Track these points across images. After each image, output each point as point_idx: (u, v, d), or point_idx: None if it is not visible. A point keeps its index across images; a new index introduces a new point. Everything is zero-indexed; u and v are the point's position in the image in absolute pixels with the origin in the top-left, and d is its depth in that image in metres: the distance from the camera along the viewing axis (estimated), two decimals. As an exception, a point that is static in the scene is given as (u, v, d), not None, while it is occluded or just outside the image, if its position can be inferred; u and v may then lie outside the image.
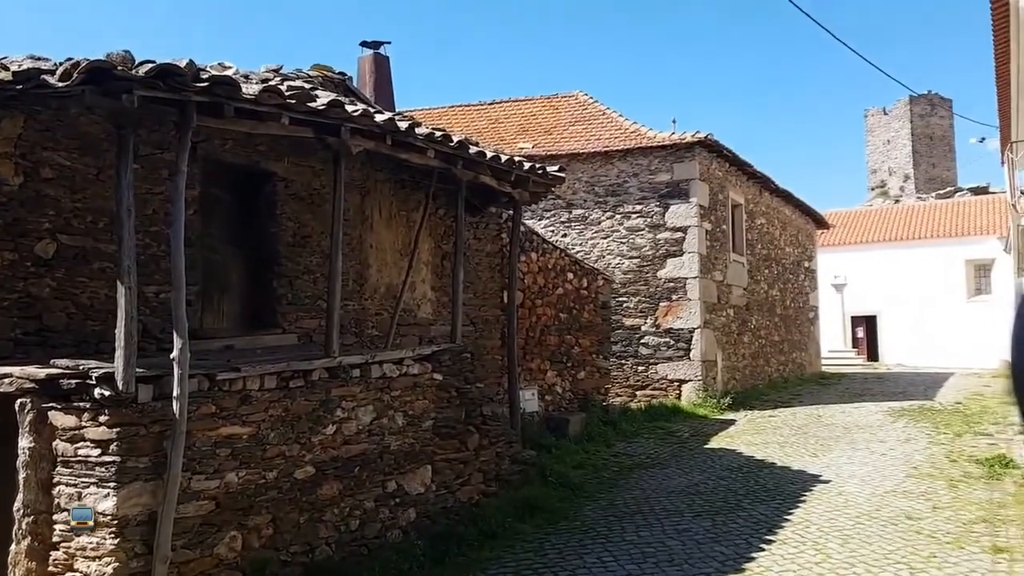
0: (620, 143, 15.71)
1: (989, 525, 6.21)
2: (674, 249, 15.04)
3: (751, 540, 5.99)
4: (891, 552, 5.62)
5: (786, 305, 20.62)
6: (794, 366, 20.95)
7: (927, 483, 7.73)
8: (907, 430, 11.17)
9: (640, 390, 14.86)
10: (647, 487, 7.95)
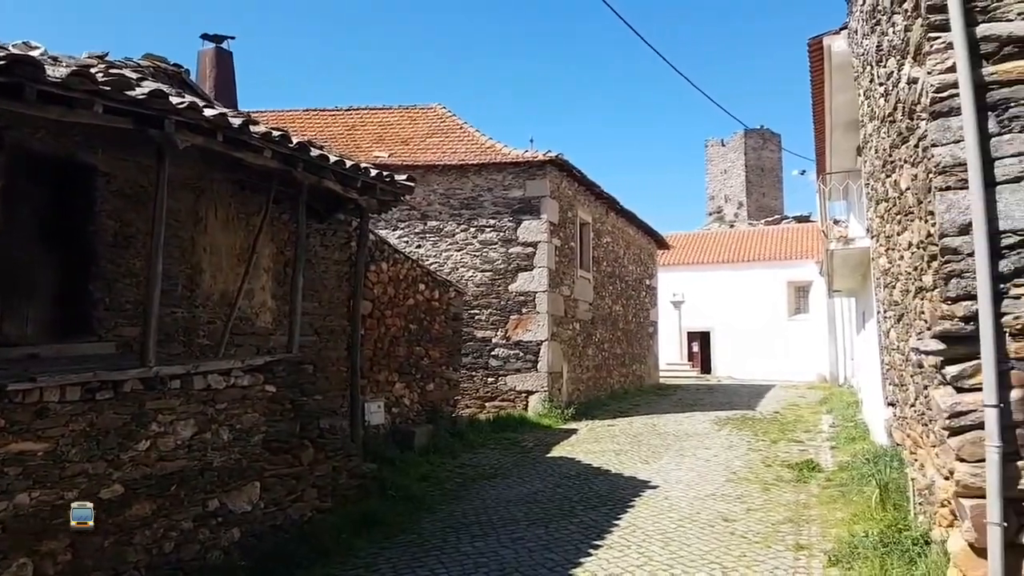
0: (476, 158, 15.89)
1: (794, 525, 6.76)
2: (525, 263, 15.37)
3: (580, 546, 6.18)
4: (707, 552, 5.98)
5: (628, 320, 21.58)
6: (634, 378, 21.95)
7: (744, 487, 8.31)
8: (730, 438, 11.98)
9: (489, 401, 15.01)
10: (488, 497, 8.02)
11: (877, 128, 7.87)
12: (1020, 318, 4.35)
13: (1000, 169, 4.48)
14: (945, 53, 4.66)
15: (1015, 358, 4.35)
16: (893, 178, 6.91)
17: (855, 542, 5.72)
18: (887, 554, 5.29)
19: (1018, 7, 4.49)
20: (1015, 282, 4.39)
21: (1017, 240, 4.41)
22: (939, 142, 4.69)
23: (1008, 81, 4.49)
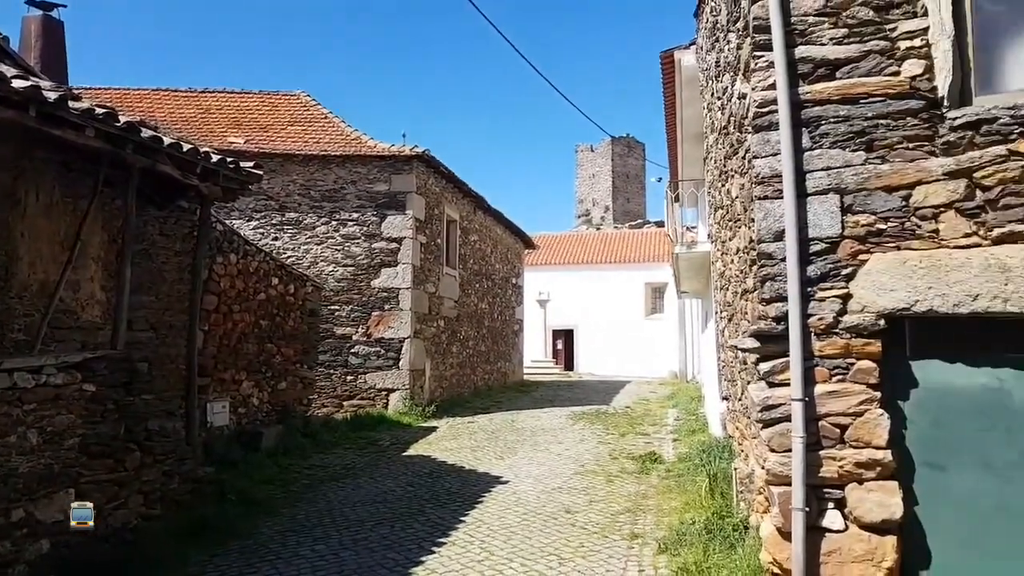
0: (340, 149, 15.51)
1: (632, 515, 7.05)
2: (389, 259, 15.16)
3: (424, 544, 6.16)
4: (547, 544, 6.13)
5: (494, 318, 21.80)
6: (499, 375, 22.21)
7: (590, 479, 8.59)
8: (583, 432, 12.36)
9: (347, 400, 14.70)
10: (335, 499, 7.83)
11: (716, 140, 8.36)
12: (824, 319, 4.73)
13: (811, 181, 4.85)
14: (768, 71, 5.00)
15: (819, 356, 4.73)
16: (727, 187, 7.35)
17: (684, 529, 6.04)
18: (711, 540, 5.62)
19: (830, 32, 4.87)
20: (821, 286, 4.77)
21: (823, 247, 4.79)
22: (760, 154, 5.02)
23: (820, 100, 4.87)
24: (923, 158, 4.61)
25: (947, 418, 4.62)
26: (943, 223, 4.55)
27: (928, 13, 4.62)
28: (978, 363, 4.59)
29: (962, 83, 4.62)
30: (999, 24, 4.67)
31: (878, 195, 4.71)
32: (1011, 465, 4.48)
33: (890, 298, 4.63)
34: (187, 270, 9.54)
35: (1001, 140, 4.42)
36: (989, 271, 4.41)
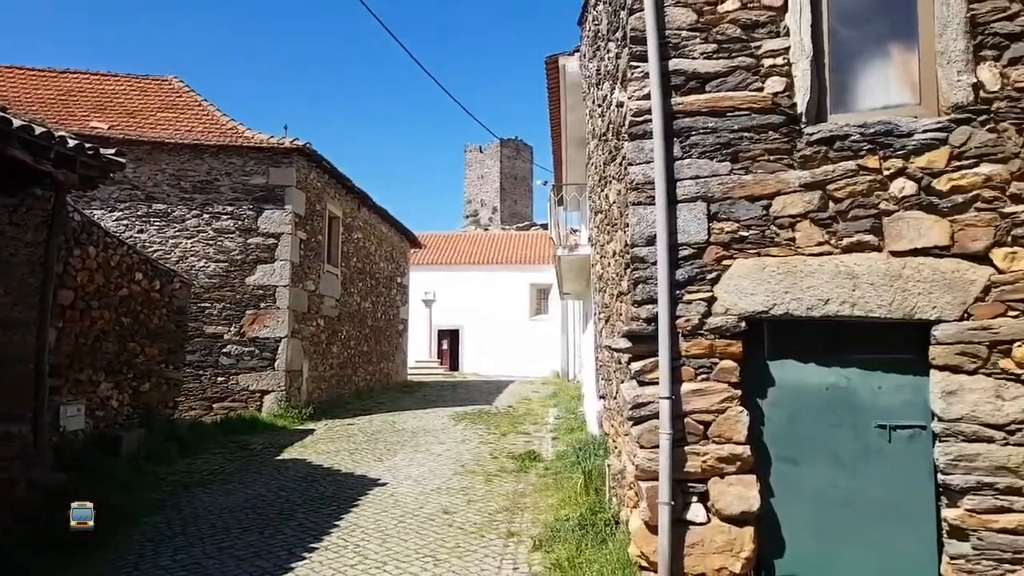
0: (214, 138, 14.81)
1: (509, 513, 7.12)
2: (266, 255, 14.61)
3: (294, 550, 5.97)
4: (423, 546, 6.08)
5: (377, 317, 21.47)
6: (381, 376, 21.89)
7: (469, 479, 8.61)
8: (465, 432, 12.38)
9: (218, 402, 14.05)
10: (200, 505, 7.46)
11: (597, 146, 8.58)
12: (691, 321, 4.94)
13: (681, 189, 5.06)
14: (643, 82, 5.17)
15: (686, 355, 4.94)
16: (606, 192, 7.56)
17: (559, 526, 6.15)
18: (584, 536, 5.76)
19: (701, 47, 5.09)
20: (688, 289, 4.98)
21: (691, 252, 5.01)
22: (634, 161, 5.19)
23: (691, 112, 5.09)
24: (782, 170, 4.91)
25: (800, 415, 4.94)
26: (799, 232, 4.85)
27: (790, 34, 4.92)
28: (829, 363, 4.93)
29: (819, 101, 4.95)
30: (852, 48, 5.04)
31: (742, 204, 4.97)
32: (856, 458, 4.84)
33: (751, 301, 4.89)
34: (39, 263, 8.82)
35: (852, 155, 4.77)
36: (839, 277, 4.74)
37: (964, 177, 4.53)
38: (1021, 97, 4.47)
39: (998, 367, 4.43)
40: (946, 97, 4.62)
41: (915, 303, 4.59)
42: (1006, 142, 4.48)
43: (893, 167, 4.68)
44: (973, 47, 4.56)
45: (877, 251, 4.70)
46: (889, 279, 4.64)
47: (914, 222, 4.62)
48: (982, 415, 4.43)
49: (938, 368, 4.55)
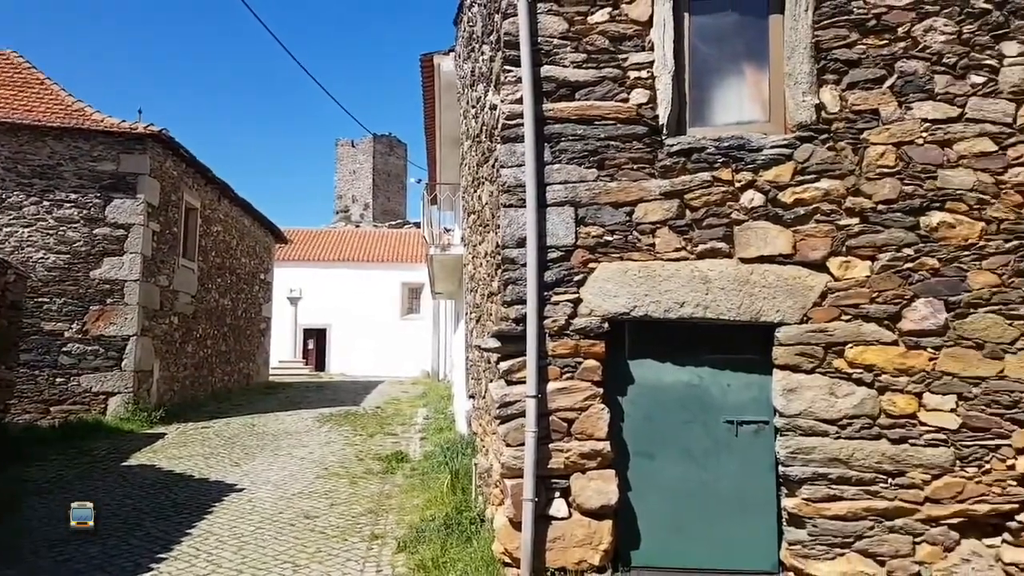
0: (58, 119, 13.61)
1: (374, 516, 7.00)
2: (114, 247, 13.59)
3: (141, 561, 5.59)
4: (282, 552, 5.87)
5: (238, 315, 20.53)
6: (241, 376, 20.96)
7: (333, 482, 8.39)
8: (329, 434, 12.07)
9: (56, 405, 12.92)
10: (34, 517, 6.82)
11: (471, 146, 8.63)
12: (557, 321, 5.06)
13: (551, 193, 5.18)
14: (516, 86, 5.25)
15: (552, 355, 5.06)
16: (479, 193, 7.62)
17: (424, 527, 6.11)
18: (449, 535, 5.75)
19: (572, 56, 5.23)
20: (556, 291, 5.10)
21: (559, 255, 5.13)
22: (506, 164, 5.26)
23: (561, 118, 5.21)
24: (645, 179, 5.13)
25: (657, 412, 5.18)
26: (659, 238, 5.09)
27: (654, 49, 5.15)
28: (684, 363, 5.21)
29: (679, 114, 5.22)
30: (710, 65, 5.34)
31: (607, 209, 5.15)
32: (707, 453, 5.13)
33: (614, 303, 5.08)
34: None
35: (708, 167, 5.06)
36: (694, 282, 5.01)
37: (806, 191, 4.91)
38: (857, 119, 4.90)
39: (832, 366, 4.84)
40: (792, 116, 4.99)
41: (761, 307, 4.93)
42: (843, 160, 4.90)
43: (744, 179, 5.00)
44: (817, 70, 4.96)
45: (728, 258, 5.00)
46: (738, 284, 4.95)
47: (761, 231, 4.96)
48: (818, 411, 4.82)
49: (780, 367, 4.91)
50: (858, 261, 4.85)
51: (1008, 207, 4.70)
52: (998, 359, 4.68)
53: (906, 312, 4.79)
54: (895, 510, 4.70)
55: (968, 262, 4.73)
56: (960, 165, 4.76)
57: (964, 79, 4.79)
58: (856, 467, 4.74)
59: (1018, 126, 4.71)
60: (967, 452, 4.67)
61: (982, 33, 4.77)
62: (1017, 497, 4.60)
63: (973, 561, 4.61)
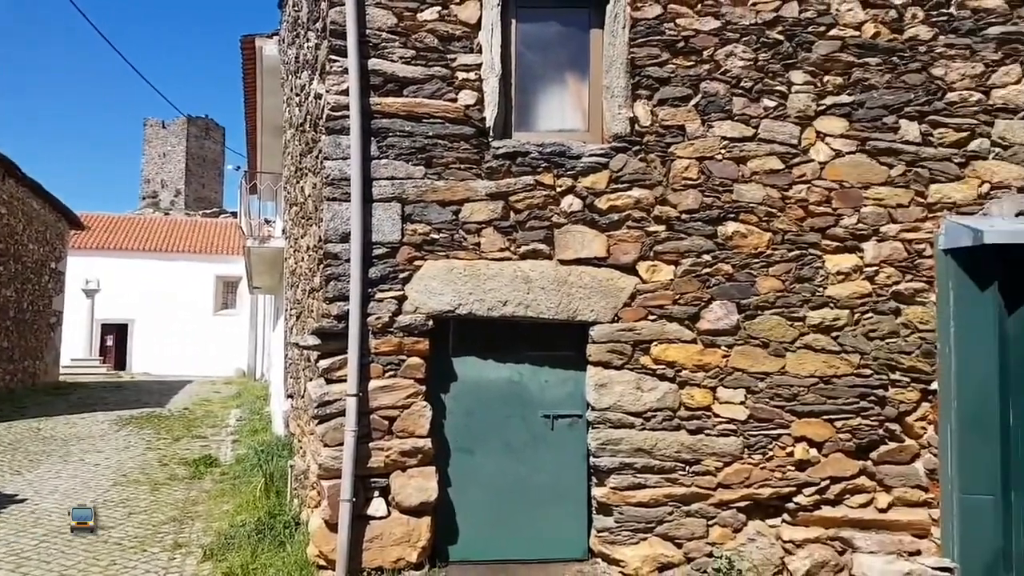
0: None
1: (178, 524, 6.55)
2: None
3: None
4: (69, 568, 5.33)
5: (22, 308, 18.39)
6: (26, 375, 18.80)
7: (132, 489, 7.75)
8: (129, 438, 11.13)
9: None
10: None
11: (294, 135, 8.30)
12: (381, 319, 5.01)
13: (377, 189, 5.11)
14: (342, 77, 5.12)
15: (375, 353, 4.99)
16: (301, 184, 7.35)
17: (233, 533, 5.81)
18: (261, 540, 5.51)
19: (401, 51, 5.19)
20: (380, 288, 5.04)
21: (385, 251, 5.08)
22: (331, 156, 5.12)
23: (389, 113, 5.16)
24: (472, 179, 5.20)
25: (479, 408, 5.27)
26: (484, 237, 5.18)
27: (482, 51, 5.23)
28: (505, 359, 5.34)
29: (505, 118, 5.33)
30: (536, 72, 5.51)
31: (434, 207, 5.16)
32: (524, 446, 5.30)
33: (438, 301, 5.10)
34: None
35: (531, 171, 5.21)
36: (516, 282, 5.15)
37: (619, 198, 5.20)
38: (666, 133, 5.26)
39: (639, 363, 5.16)
40: (609, 127, 5.27)
41: (578, 306, 5.16)
42: (653, 171, 5.24)
43: (564, 185, 5.21)
44: (632, 85, 5.27)
45: (549, 259, 5.19)
46: (558, 284, 5.15)
47: (579, 235, 5.20)
48: (626, 404, 5.13)
49: (593, 364, 5.17)
50: (664, 265, 5.21)
51: (792, 220, 5.25)
52: (781, 356, 5.21)
53: (704, 313, 5.21)
54: (692, 496, 5.10)
55: (757, 268, 5.23)
56: (752, 180, 5.25)
57: (758, 102, 5.28)
58: (659, 456, 5.10)
59: (802, 147, 5.27)
60: (753, 441, 5.15)
61: (775, 62, 5.29)
62: (795, 481, 5.14)
63: (757, 540, 5.10)
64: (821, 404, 5.15)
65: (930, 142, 5.25)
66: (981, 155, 5.25)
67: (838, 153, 5.25)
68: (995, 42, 5.29)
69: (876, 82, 5.26)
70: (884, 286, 5.19)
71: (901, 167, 5.23)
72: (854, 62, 5.26)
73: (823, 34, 5.28)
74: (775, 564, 5.04)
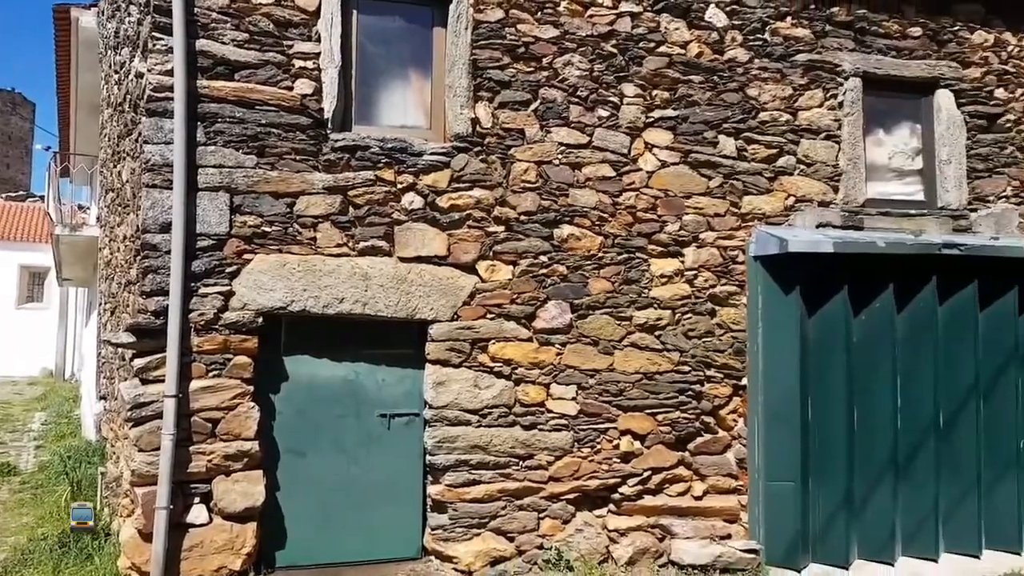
0: None
1: (-35, 541, 5.85)
2: None
3: None
4: None
5: None
6: None
7: (-93, 506, 6.83)
8: (-95, 448, 9.80)
9: None
10: None
11: (112, 116, 7.66)
12: (205, 315, 4.73)
13: (203, 177, 4.82)
14: (167, 56, 4.79)
15: (198, 351, 4.71)
16: (119, 169, 6.80)
17: (33, 547, 5.27)
18: (65, 554, 5.04)
19: (233, 33, 4.93)
20: (205, 282, 4.76)
21: (211, 244, 4.80)
22: (152, 140, 4.78)
23: (218, 98, 4.88)
24: (308, 171, 5.03)
25: (311, 408, 5.11)
26: (320, 232, 5.03)
27: (321, 40, 5.08)
28: (341, 358, 5.21)
29: (345, 110, 5.20)
30: (378, 65, 5.42)
31: (266, 199, 4.95)
32: (359, 447, 5.20)
33: (270, 297, 4.90)
34: None
35: (372, 166, 5.12)
36: (354, 278, 5.04)
37: (460, 198, 5.24)
38: (507, 136, 5.35)
39: (477, 361, 5.22)
40: (451, 126, 5.28)
41: (417, 304, 5.13)
42: (494, 172, 5.31)
43: (405, 182, 5.17)
44: (474, 86, 5.31)
45: (389, 256, 5.13)
46: (397, 282, 5.10)
47: (420, 233, 5.17)
48: (463, 402, 5.17)
49: (432, 362, 5.17)
50: (502, 265, 5.30)
51: (621, 225, 5.51)
52: (609, 354, 5.45)
53: (540, 312, 5.35)
54: (524, 490, 5.22)
55: (589, 270, 5.44)
56: (587, 186, 5.47)
57: (593, 111, 5.50)
58: (494, 452, 5.18)
59: (631, 157, 5.54)
60: (583, 435, 5.36)
61: (608, 73, 5.53)
62: (620, 472, 5.40)
63: (585, 531, 5.31)
64: (645, 399, 5.45)
65: (744, 157, 5.70)
66: (788, 171, 5.78)
67: (664, 164, 5.58)
68: (802, 68, 5.84)
69: (699, 99, 5.64)
70: (702, 289, 5.58)
71: (719, 179, 5.65)
72: (680, 78, 5.61)
73: (653, 50, 5.59)
74: (601, 553, 5.28)
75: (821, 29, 5.89)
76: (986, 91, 6.20)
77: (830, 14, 5.91)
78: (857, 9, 5.96)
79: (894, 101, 6.12)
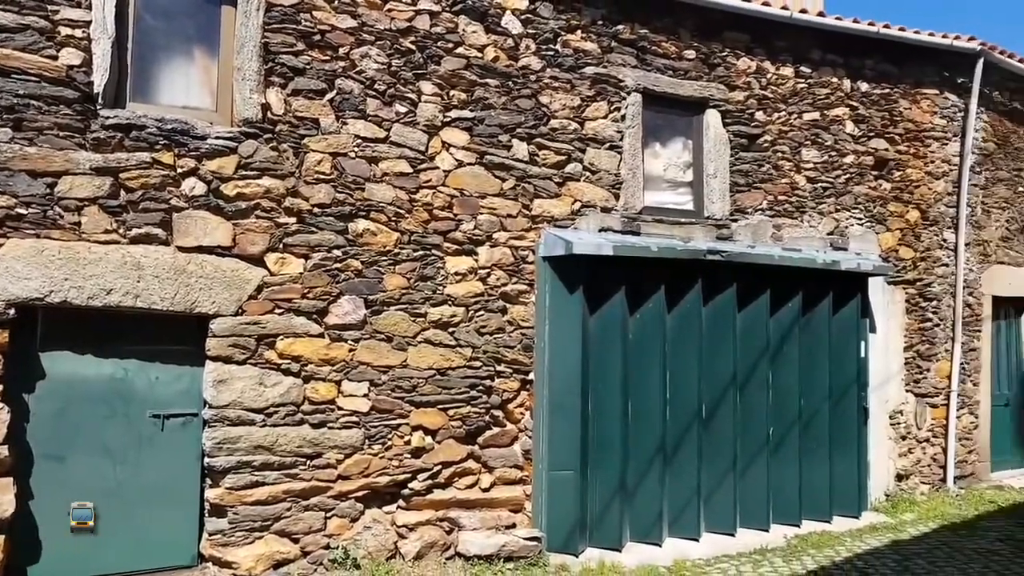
0: None
1: None
2: None
3: None
4: None
5: None
6: None
7: None
8: None
9: None
10: None
11: None
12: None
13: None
14: None
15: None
16: None
17: None
18: None
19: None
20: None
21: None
22: None
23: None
24: (73, 149, 4.60)
25: (73, 409, 4.68)
26: (86, 216, 4.62)
27: (92, 8, 4.65)
28: (108, 355, 4.81)
29: (118, 85, 4.81)
30: (158, 40, 5.06)
31: (22, 177, 4.47)
32: (129, 448, 4.83)
33: (24, 286, 4.43)
34: None
35: (148, 148, 4.77)
36: (125, 268, 4.67)
37: (248, 186, 5.02)
38: (300, 125, 5.19)
39: (264, 358, 5.03)
40: (239, 110, 5.04)
41: (197, 297, 4.85)
42: (285, 161, 5.14)
43: (187, 166, 4.87)
44: (265, 71, 5.11)
45: (165, 245, 4.81)
46: (175, 273, 4.79)
47: (202, 221, 4.90)
48: (247, 400, 4.96)
49: (213, 359, 4.91)
50: (293, 258, 5.14)
51: (418, 222, 5.55)
52: (403, 350, 5.47)
53: (332, 308, 5.25)
54: (311, 489, 5.11)
55: (385, 266, 5.43)
56: (384, 181, 5.45)
57: (391, 106, 5.49)
58: (280, 452, 5.02)
59: (429, 154, 5.59)
60: (374, 432, 5.34)
61: (407, 69, 5.54)
62: (411, 468, 5.43)
63: (373, 528, 5.29)
64: (437, 394, 5.53)
65: (536, 161, 5.95)
66: (575, 177, 6.11)
67: (460, 163, 5.69)
68: (590, 80, 6.20)
69: (494, 102, 5.81)
70: (494, 287, 5.76)
71: (512, 181, 5.86)
72: (477, 81, 5.75)
73: (451, 51, 5.68)
74: (389, 549, 5.28)
75: (608, 45, 6.29)
76: (748, 113, 6.92)
77: (616, 31, 6.32)
78: (640, 28, 6.41)
79: (670, 117, 6.66)
